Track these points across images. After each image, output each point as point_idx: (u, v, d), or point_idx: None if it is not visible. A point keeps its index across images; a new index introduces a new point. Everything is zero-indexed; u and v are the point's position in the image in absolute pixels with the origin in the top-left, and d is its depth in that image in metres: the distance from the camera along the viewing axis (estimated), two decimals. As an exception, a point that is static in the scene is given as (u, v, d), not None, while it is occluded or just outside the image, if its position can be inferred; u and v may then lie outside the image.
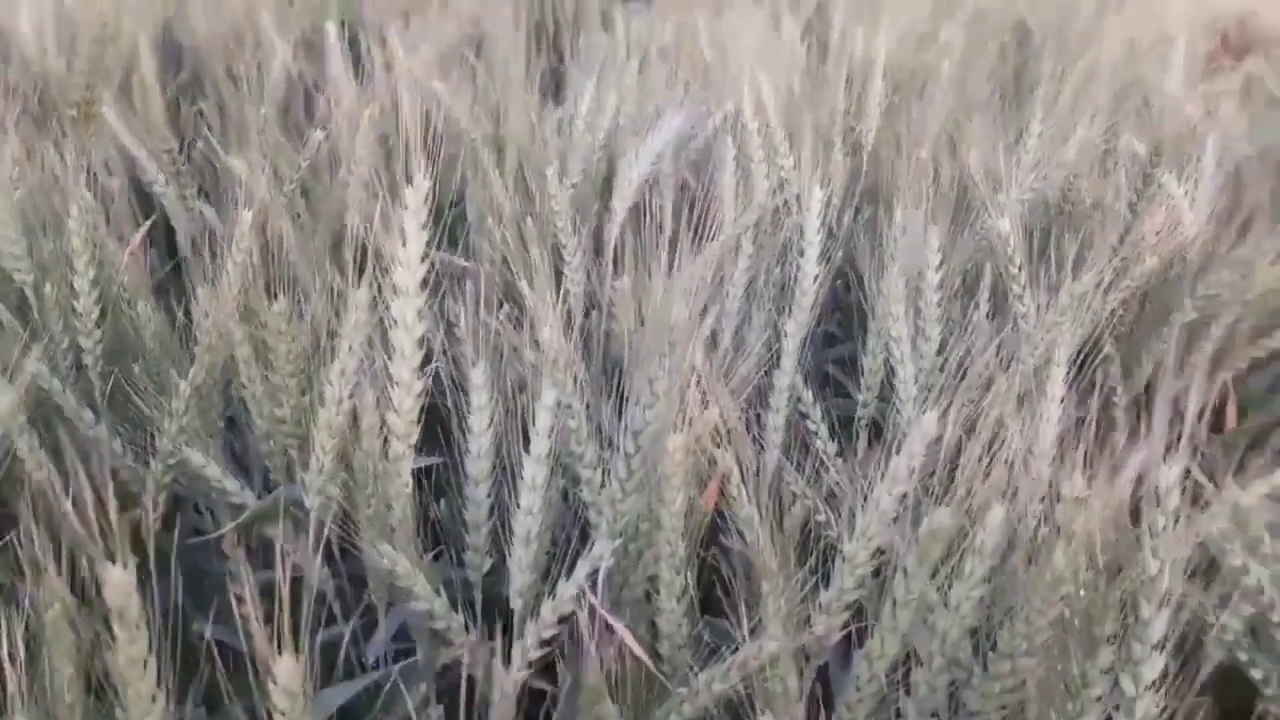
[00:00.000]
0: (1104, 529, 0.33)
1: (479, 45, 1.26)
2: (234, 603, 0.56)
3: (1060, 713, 0.33)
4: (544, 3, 1.51)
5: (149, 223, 0.60)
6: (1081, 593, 0.32)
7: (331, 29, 0.94)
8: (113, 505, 0.33)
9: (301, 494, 0.47)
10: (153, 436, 0.52)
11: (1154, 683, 0.31)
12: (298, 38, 1.12)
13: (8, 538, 0.43)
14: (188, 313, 0.55)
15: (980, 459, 0.38)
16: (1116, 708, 0.31)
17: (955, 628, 0.35)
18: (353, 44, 1.00)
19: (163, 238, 0.83)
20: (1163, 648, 0.31)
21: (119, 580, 0.32)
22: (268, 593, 0.45)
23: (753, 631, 0.37)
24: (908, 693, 0.36)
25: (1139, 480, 0.49)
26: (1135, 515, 0.52)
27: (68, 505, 0.34)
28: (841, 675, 0.42)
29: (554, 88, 1.23)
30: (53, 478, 0.47)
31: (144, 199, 0.81)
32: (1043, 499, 0.41)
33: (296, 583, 0.51)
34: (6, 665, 0.35)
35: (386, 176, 0.77)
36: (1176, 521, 0.30)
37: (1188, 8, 1.54)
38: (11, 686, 0.36)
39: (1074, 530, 0.32)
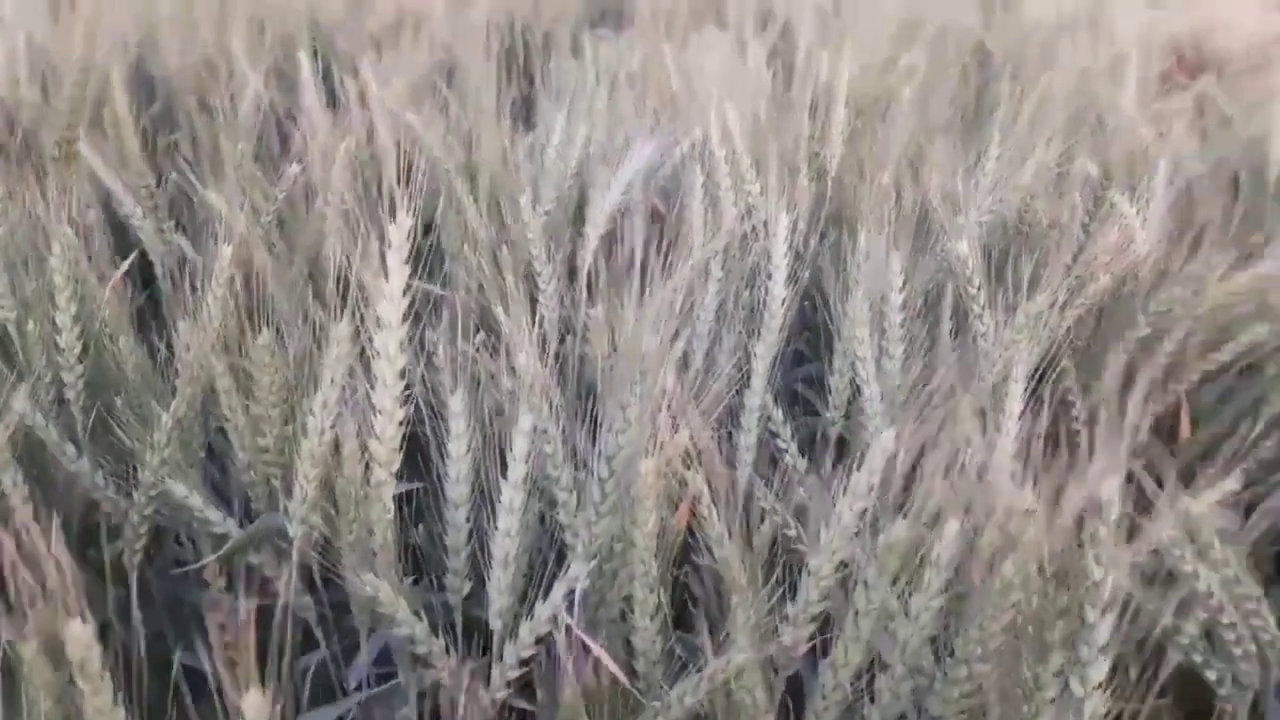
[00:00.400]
0: (1053, 539, 0.35)
1: (450, 73, 1.28)
2: (210, 632, 0.56)
3: (1016, 714, 0.34)
4: (514, 28, 1.53)
5: (129, 261, 0.61)
6: (1033, 600, 0.34)
7: (305, 60, 0.96)
8: (67, 562, 0.34)
9: (284, 522, 0.48)
10: (135, 469, 0.53)
11: (1101, 684, 0.33)
12: (269, 67, 1.13)
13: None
14: (169, 344, 0.56)
15: (938, 474, 0.40)
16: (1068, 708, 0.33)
17: (916, 636, 0.37)
18: (325, 74, 1.01)
19: (138, 268, 0.84)
20: (1108, 651, 0.32)
21: (78, 634, 0.33)
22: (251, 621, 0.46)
23: (721, 645, 0.38)
24: (872, 700, 0.38)
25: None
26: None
27: (16, 555, 0.35)
28: (812, 684, 0.43)
29: (525, 113, 1.25)
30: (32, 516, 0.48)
31: (119, 230, 0.81)
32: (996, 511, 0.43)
33: (276, 610, 0.52)
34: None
35: (365, 207, 0.78)
36: (1119, 530, 0.32)
37: (1143, 28, 1.59)
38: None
39: (1024, 541, 0.33)
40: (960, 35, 1.44)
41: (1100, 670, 0.32)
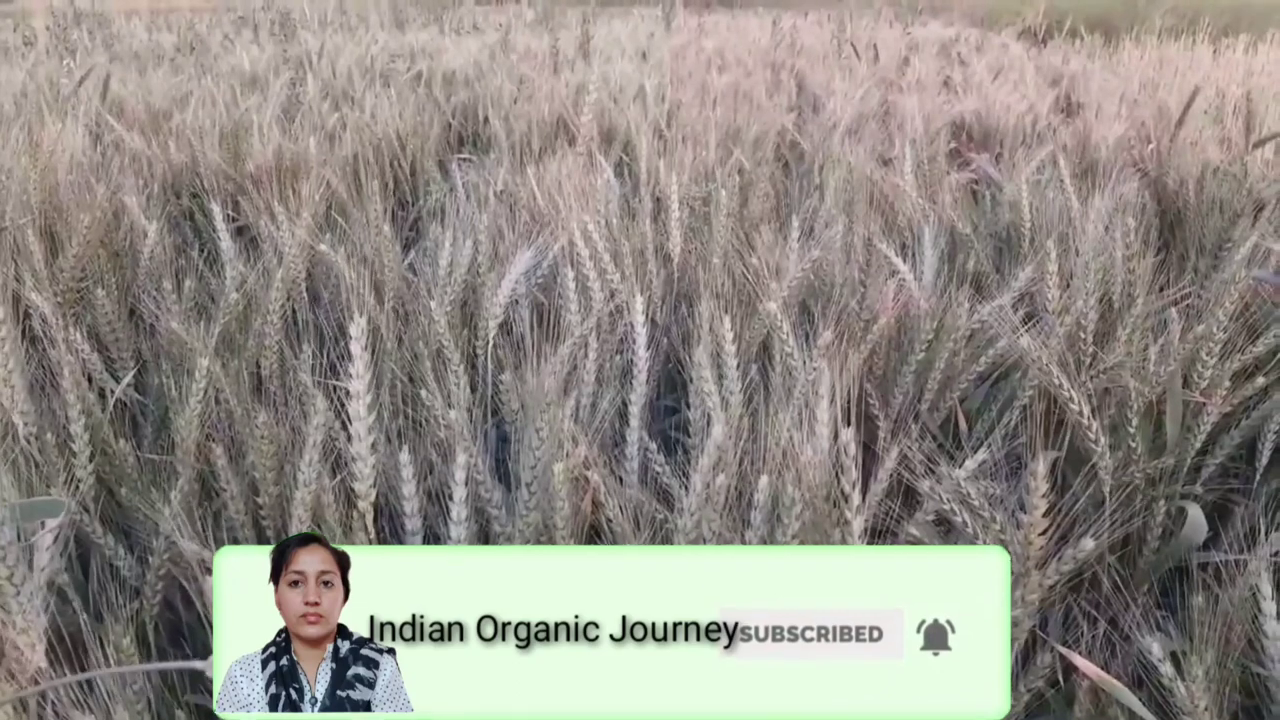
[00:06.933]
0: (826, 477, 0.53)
1: (329, 204, 1.44)
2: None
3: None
4: (381, 157, 1.71)
5: (122, 384, 0.75)
6: (815, 506, 0.52)
7: (217, 210, 1.10)
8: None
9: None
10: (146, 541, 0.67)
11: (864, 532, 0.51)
12: (164, 214, 1.27)
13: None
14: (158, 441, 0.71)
15: (762, 454, 0.58)
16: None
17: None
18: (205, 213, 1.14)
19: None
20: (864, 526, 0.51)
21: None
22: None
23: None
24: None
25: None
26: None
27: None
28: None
29: (407, 231, 1.43)
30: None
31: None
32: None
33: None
34: None
35: (297, 321, 0.94)
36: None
37: (929, 115, 1.90)
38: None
39: (805, 473, 0.52)
40: (778, 136, 1.70)
41: (862, 524, 0.51)
